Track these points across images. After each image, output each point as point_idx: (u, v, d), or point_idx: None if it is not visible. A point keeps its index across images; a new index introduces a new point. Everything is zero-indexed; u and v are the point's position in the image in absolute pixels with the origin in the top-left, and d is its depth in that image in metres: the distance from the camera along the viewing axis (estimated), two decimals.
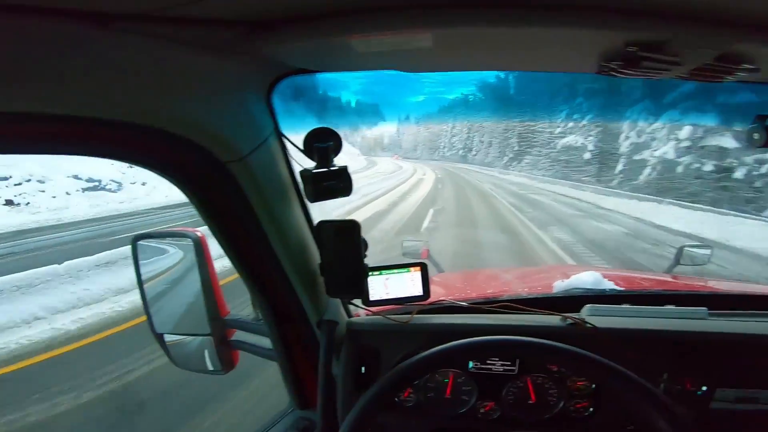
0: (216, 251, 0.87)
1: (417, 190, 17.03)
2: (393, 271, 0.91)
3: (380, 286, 0.91)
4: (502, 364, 0.95)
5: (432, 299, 1.05)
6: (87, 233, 9.00)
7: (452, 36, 0.52)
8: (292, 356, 0.95)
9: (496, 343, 0.76)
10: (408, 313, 0.94)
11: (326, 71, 0.67)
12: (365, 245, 0.87)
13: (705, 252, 1.53)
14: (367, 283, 0.89)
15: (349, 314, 1.00)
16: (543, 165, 29.60)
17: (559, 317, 0.93)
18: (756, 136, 0.69)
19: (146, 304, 0.97)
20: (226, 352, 1.07)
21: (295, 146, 0.71)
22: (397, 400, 0.98)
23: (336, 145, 0.69)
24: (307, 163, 0.70)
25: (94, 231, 9.24)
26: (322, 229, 0.77)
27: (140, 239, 0.92)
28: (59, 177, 13.66)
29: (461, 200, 14.19)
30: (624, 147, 20.28)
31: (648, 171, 17.99)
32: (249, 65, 0.58)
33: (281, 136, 0.71)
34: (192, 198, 0.65)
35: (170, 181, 0.61)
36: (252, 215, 0.69)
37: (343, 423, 0.70)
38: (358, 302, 0.93)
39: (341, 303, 0.96)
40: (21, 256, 6.75)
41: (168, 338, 1.07)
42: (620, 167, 20.08)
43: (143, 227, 8.70)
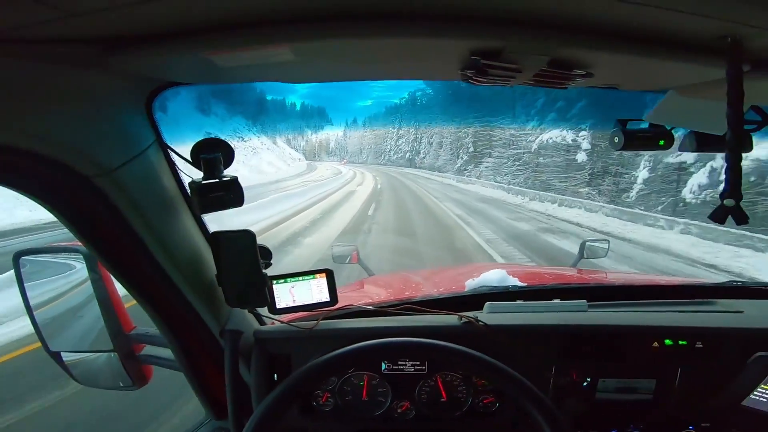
0: None
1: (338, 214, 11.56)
2: (298, 279, 0.92)
3: (286, 294, 0.92)
4: (413, 365, 0.97)
5: (347, 303, 1.09)
6: None
7: (313, 49, 0.52)
8: (200, 367, 0.94)
9: (381, 347, 0.80)
10: (315, 320, 0.97)
11: (201, 83, 0.67)
12: (269, 254, 0.89)
13: (603, 246, 1.72)
14: (272, 292, 0.90)
15: (263, 323, 1.01)
16: (508, 169, 23.87)
17: (457, 316, 0.97)
18: (616, 140, 0.73)
19: (35, 322, 0.92)
20: (135, 367, 1.04)
21: (182, 157, 0.71)
22: (315, 405, 0.99)
23: (226, 156, 0.69)
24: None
25: None
26: (217, 240, 0.78)
27: (22, 256, 0.86)
28: None
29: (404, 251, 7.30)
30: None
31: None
32: (115, 80, 0.57)
33: (165, 147, 0.70)
34: (57, 215, 0.63)
35: (32, 199, 0.59)
36: (129, 229, 0.68)
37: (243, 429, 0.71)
38: (265, 310, 0.94)
39: (249, 312, 0.96)
40: None
41: (67, 356, 1.02)
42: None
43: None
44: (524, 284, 1.27)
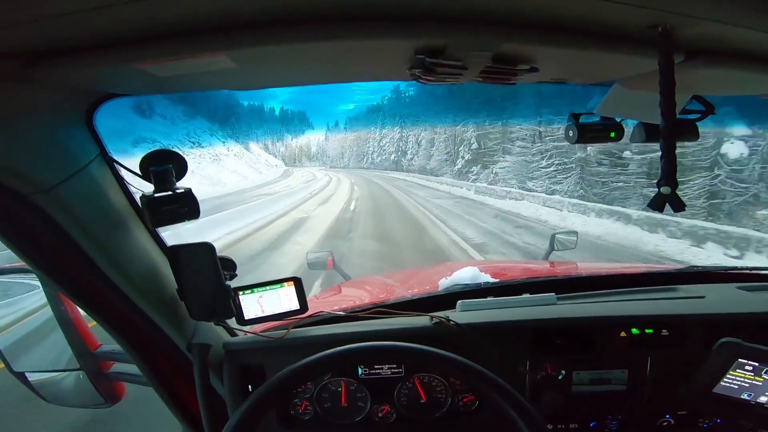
0: None
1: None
2: (265, 288, 0.91)
3: (254, 305, 0.92)
4: (389, 368, 0.96)
5: (321, 309, 1.09)
6: None
7: (252, 56, 0.51)
8: (170, 382, 0.93)
9: (346, 353, 0.79)
10: (286, 329, 0.96)
11: (143, 94, 0.65)
12: (233, 266, 0.88)
13: (572, 238, 1.77)
14: (239, 303, 0.90)
15: (234, 334, 1.00)
16: (543, 170, 17.11)
17: (428, 317, 0.96)
18: (570, 134, 0.74)
19: None
20: (106, 385, 1.03)
21: (129, 170, 0.69)
22: (294, 413, 0.98)
23: (178, 167, 0.67)
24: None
25: None
26: (175, 254, 0.76)
27: None
28: None
29: None
30: None
31: None
32: (46, 93, 0.55)
33: (111, 161, 0.68)
34: None
35: None
36: (76, 247, 0.65)
37: None
38: (232, 322, 0.94)
39: (218, 324, 0.95)
40: None
41: (32, 376, 1.00)
42: None
43: None
44: (496, 280, 1.28)
